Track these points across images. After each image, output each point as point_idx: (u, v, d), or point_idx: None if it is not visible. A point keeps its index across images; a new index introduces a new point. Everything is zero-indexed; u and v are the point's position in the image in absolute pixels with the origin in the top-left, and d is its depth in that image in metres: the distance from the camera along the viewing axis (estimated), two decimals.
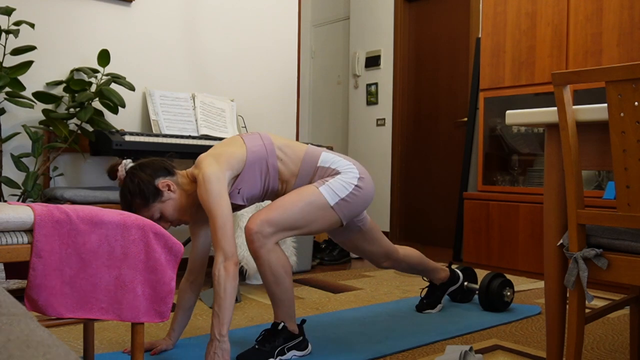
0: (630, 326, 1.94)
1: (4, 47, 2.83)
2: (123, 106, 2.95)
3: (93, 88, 3.10)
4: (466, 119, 4.69)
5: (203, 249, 2.14)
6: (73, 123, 3.11)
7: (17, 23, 2.81)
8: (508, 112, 1.77)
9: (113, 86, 3.23)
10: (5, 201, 2.89)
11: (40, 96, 2.94)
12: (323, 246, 4.20)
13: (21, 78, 2.91)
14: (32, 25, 2.86)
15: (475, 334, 2.34)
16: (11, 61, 2.95)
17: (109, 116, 3.34)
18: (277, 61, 4.20)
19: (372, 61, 5.54)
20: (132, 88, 3.03)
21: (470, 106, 4.49)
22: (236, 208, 2.13)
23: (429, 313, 2.65)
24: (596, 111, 1.53)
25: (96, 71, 3.09)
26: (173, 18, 3.65)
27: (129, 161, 2.01)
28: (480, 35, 4.38)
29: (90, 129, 3.12)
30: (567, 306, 1.61)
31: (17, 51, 2.83)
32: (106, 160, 3.37)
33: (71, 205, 1.59)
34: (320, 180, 2.05)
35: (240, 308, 2.71)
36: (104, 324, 2.37)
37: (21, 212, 1.44)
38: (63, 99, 3.11)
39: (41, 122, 2.97)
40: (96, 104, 3.15)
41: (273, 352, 1.94)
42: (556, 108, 1.57)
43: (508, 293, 2.68)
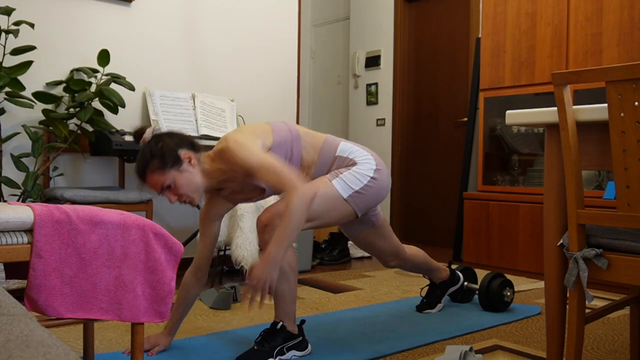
0: (630, 326, 1.94)
1: (4, 47, 2.83)
2: (123, 106, 2.95)
3: (93, 88, 3.10)
4: (466, 119, 4.69)
5: (211, 245, 2.15)
6: (73, 123, 3.11)
7: (17, 23, 2.81)
8: (508, 112, 1.77)
9: (113, 86, 3.23)
10: (5, 201, 2.89)
11: (40, 96, 2.94)
12: (323, 246, 4.20)
13: (21, 78, 2.91)
14: (32, 25, 2.86)
15: (475, 334, 2.34)
16: (11, 61, 2.95)
17: (109, 116, 3.34)
18: (277, 61, 4.20)
19: (372, 61, 5.54)
20: (132, 88, 3.03)
21: (470, 106, 4.49)
22: (256, 195, 2.11)
23: (429, 313, 2.65)
24: (596, 111, 1.53)
25: (96, 71, 3.09)
26: (173, 18, 3.65)
27: (159, 128, 2.00)
28: (480, 35, 4.38)
29: (90, 129, 3.12)
30: (567, 306, 1.61)
31: (17, 51, 2.83)
32: (106, 160, 3.37)
33: (71, 205, 1.59)
34: (334, 172, 2.05)
35: (240, 308, 2.71)
36: (104, 324, 2.37)
37: (21, 212, 1.44)
38: (63, 99, 3.11)
39: (41, 122, 2.97)
40: (96, 104, 3.15)
41: (272, 352, 1.95)
42: (556, 108, 1.57)
43: (508, 293, 2.68)
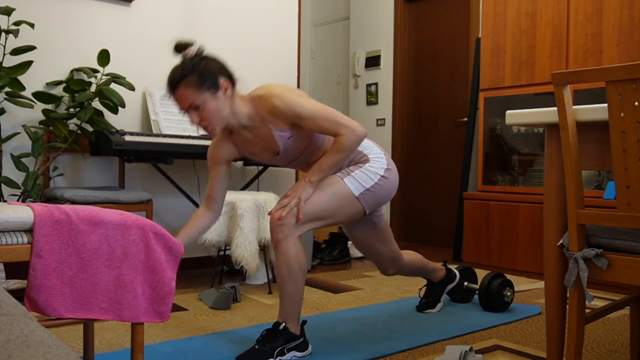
0: (630, 326, 1.94)
1: (4, 47, 2.83)
2: (123, 106, 2.95)
3: (93, 88, 3.10)
4: (466, 119, 4.69)
5: (222, 184, 2.13)
6: (73, 123, 3.11)
7: (17, 23, 2.81)
8: (508, 112, 1.77)
9: (113, 86, 3.23)
10: (5, 201, 2.89)
11: (40, 96, 2.94)
12: (323, 246, 4.21)
13: (21, 78, 2.91)
14: (32, 25, 2.86)
15: (475, 334, 2.34)
16: (11, 61, 2.95)
17: (109, 116, 3.34)
18: (277, 61, 4.20)
19: (372, 61, 5.54)
20: (132, 88, 3.03)
21: (470, 106, 4.49)
22: (265, 156, 2.11)
23: (429, 313, 2.65)
24: (596, 111, 1.53)
25: (96, 71, 3.09)
26: (173, 18, 3.65)
27: (205, 48, 1.98)
28: (480, 35, 4.38)
29: (90, 129, 3.12)
30: (567, 306, 1.61)
31: (17, 51, 2.83)
32: (106, 160, 3.37)
33: (71, 205, 1.59)
34: (344, 170, 2.08)
35: (240, 308, 2.71)
36: (104, 324, 2.37)
37: (21, 212, 1.44)
38: (63, 99, 3.11)
39: (41, 122, 2.97)
40: (96, 104, 3.15)
41: (272, 353, 1.94)
42: (556, 108, 1.57)
43: (508, 293, 2.68)
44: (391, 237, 2.39)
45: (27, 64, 2.84)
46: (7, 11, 2.76)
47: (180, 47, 1.96)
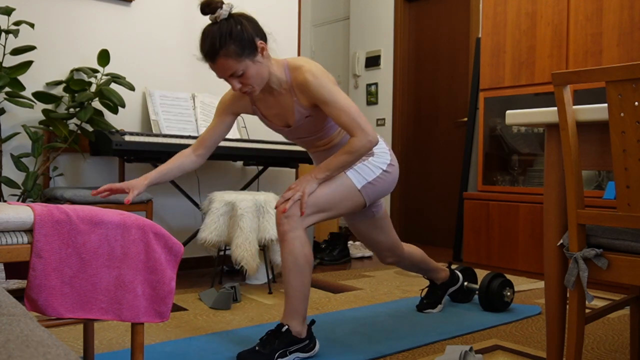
0: (630, 326, 1.94)
1: (4, 47, 2.83)
2: (123, 106, 2.95)
3: (93, 88, 3.10)
4: (466, 119, 4.69)
5: (220, 132, 2.12)
6: (73, 123, 3.11)
7: (17, 23, 2.81)
8: (508, 112, 1.77)
9: (113, 86, 3.23)
10: (5, 201, 2.89)
11: (40, 96, 2.94)
12: (323, 246, 4.20)
13: (21, 78, 2.91)
14: (32, 25, 2.86)
15: (475, 334, 2.34)
16: (11, 61, 2.95)
17: (109, 116, 3.34)
18: None
19: (372, 61, 5.54)
20: (132, 88, 3.03)
21: (470, 106, 4.49)
22: (277, 123, 2.10)
23: (430, 313, 2.65)
24: (596, 111, 1.53)
25: (96, 71, 3.09)
26: (173, 18, 3.65)
27: (233, 5, 1.89)
28: (480, 35, 4.38)
29: (90, 129, 3.12)
30: (567, 306, 1.61)
31: (17, 51, 2.83)
32: (106, 160, 3.37)
33: (71, 205, 1.59)
34: None
35: (240, 308, 2.71)
36: (104, 324, 2.37)
37: (21, 212, 1.44)
38: (63, 99, 3.11)
39: (41, 122, 2.97)
40: (96, 104, 3.15)
41: (272, 356, 1.91)
42: (556, 108, 1.57)
43: (508, 293, 2.68)
44: (390, 227, 2.41)
45: (27, 64, 2.84)
46: (7, 11, 2.76)
47: (208, 8, 1.86)
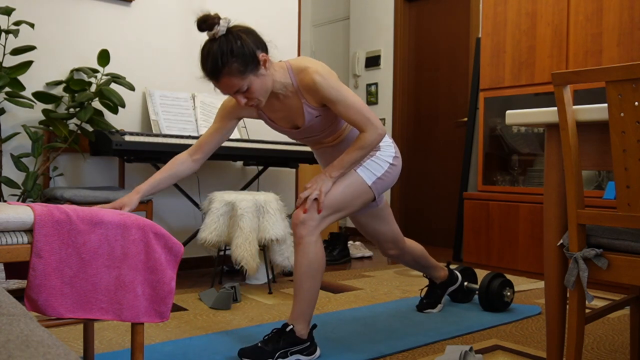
0: (630, 326, 1.94)
1: (4, 47, 2.83)
2: (123, 106, 2.95)
3: (93, 88, 3.10)
4: (466, 119, 4.69)
5: (220, 137, 2.10)
6: (73, 123, 3.11)
7: (17, 23, 2.81)
8: (508, 112, 1.77)
9: (113, 86, 3.23)
10: (5, 201, 2.89)
11: (40, 96, 2.94)
12: (323, 246, 4.20)
13: (21, 78, 2.91)
14: (32, 25, 2.86)
15: (475, 334, 2.34)
16: (11, 61, 2.95)
17: (109, 116, 3.34)
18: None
19: (372, 61, 5.54)
20: (132, 88, 3.03)
21: (470, 106, 4.48)
22: (285, 125, 2.11)
23: (430, 313, 2.65)
24: (596, 111, 1.53)
25: (96, 71, 3.09)
26: (173, 18, 3.65)
27: (231, 19, 1.85)
28: (480, 35, 4.38)
29: (90, 129, 3.12)
30: (567, 306, 1.61)
31: (17, 51, 2.83)
32: (106, 160, 3.37)
33: (71, 205, 1.59)
34: None
35: (240, 308, 2.71)
36: (104, 324, 2.37)
37: (21, 212, 1.44)
38: (63, 99, 3.11)
39: (41, 122, 2.97)
40: (96, 104, 3.15)
41: (273, 355, 1.93)
42: (556, 108, 1.57)
43: (508, 293, 2.68)
44: (391, 217, 2.43)
45: (27, 64, 2.84)
46: (7, 11, 2.76)
47: (205, 24, 1.81)
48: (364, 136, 1.96)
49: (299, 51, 4.39)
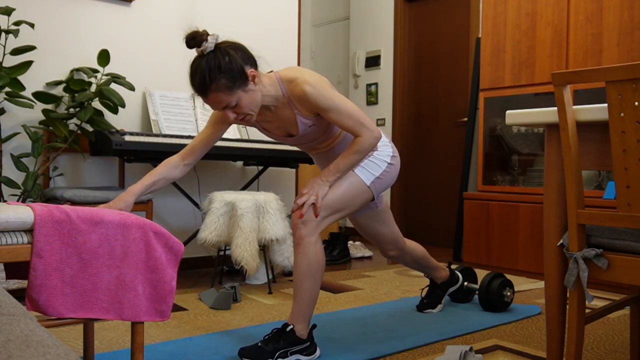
0: (630, 326, 1.94)
1: (4, 47, 2.83)
2: (123, 106, 2.95)
3: (93, 88, 3.10)
4: (466, 119, 4.69)
5: (210, 140, 2.10)
6: (73, 123, 3.11)
7: (17, 23, 2.81)
8: (508, 112, 1.77)
9: (113, 86, 3.23)
10: (5, 201, 2.89)
11: (40, 96, 2.94)
12: (323, 246, 4.20)
13: (21, 78, 2.91)
14: (32, 25, 2.86)
15: (475, 334, 2.34)
16: (11, 61, 2.95)
17: (109, 116, 3.34)
18: (277, 61, 4.20)
19: (372, 61, 5.54)
20: (132, 88, 3.03)
21: (470, 106, 4.49)
22: (279, 134, 2.11)
23: (430, 313, 2.65)
24: (596, 111, 1.53)
25: (96, 71, 3.09)
26: (173, 18, 3.65)
27: (219, 35, 1.86)
28: (480, 35, 4.38)
29: (90, 129, 3.12)
30: (567, 306, 1.61)
31: (17, 51, 2.83)
32: (106, 160, 3.37)
33: (71, 205, 1.59)
34: None
35: (240, 308, 2.71)
36: (104, 324, 2.37)
37: (21, 212, 1.44)
38: (63, 99, 3.11)
39: (41, 122, 2.97)
40: (96, 104, 3.15)
41: (273, 355, 1.93)
42: (556, 108, 1.57)
43: (508, 293, 2.68)
44: (391, 219, 2.43)
45: (27, 64, 2.84)
46: (7, 11, 2.76)
47: (193, 41, 1.83)
48: (360, 140, 1.95)
49: (299, 51, 4.39)
